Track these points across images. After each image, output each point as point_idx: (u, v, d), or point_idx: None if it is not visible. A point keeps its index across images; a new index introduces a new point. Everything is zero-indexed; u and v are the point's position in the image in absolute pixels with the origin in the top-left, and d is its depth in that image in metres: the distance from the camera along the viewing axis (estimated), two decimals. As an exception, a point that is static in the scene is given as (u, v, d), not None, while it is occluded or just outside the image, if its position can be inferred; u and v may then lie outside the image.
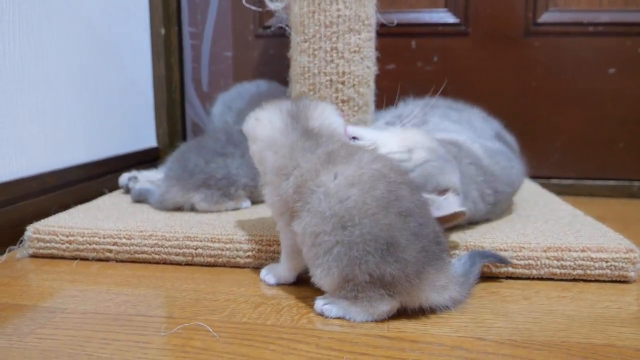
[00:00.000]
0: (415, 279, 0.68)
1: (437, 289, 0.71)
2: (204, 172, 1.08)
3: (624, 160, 1.56)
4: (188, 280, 0.87)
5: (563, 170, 1.59)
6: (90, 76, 1.33)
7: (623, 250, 0.85)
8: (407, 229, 0.69)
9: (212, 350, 0.64)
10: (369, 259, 0.67)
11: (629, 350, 0.64)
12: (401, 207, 0.69)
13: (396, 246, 0.67)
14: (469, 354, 0.63)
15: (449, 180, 0.87)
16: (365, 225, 0.68)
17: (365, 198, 0.69)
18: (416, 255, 0.68)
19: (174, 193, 1.08)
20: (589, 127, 1.56)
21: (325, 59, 1.10)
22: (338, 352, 0.63)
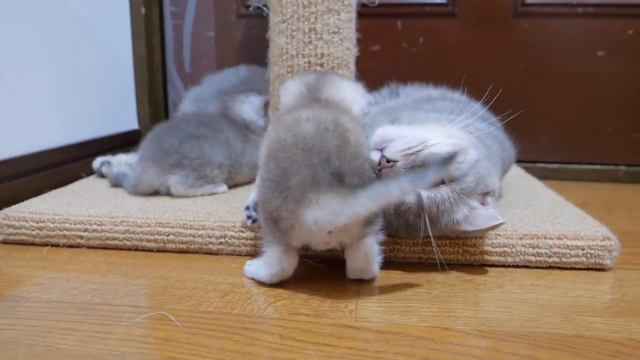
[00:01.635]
0: (294, 206, 0.68)
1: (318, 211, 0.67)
2: (178, 152, 1.06)
3: (611, 144, 1.54)
4: (159, 268, 0.86)
5: (550, 154, 1.57)
6: (68, 56, 1.30)
7: (600, 238, 0.84)
8: (300, 161, 0.70)
9: (174, 341, 0.63)
10: (267, 194, 0.72)
11: (596, 341, 0.63)
12: (305, 144, 0.71)
13: (285, 179, 0.70)
14: (434, 344, 0.62)
15: (493, 183, 0.83)
16: (272, 161, 0.73)
17: (279, 135, 0.74)
18: (299, 183, 0.68)
19: (150, 175, 1.07)
20: (577, 111, 1.54)
21: (303, 40, 1.07)
22: (301, 343, 0.62)
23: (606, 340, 0.63)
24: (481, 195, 0.81)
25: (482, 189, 0.80)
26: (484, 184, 0.80)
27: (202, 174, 1.07)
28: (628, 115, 1.52)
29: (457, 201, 0.78)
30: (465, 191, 0.78)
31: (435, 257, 0.85)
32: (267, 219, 0.74)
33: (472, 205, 0.80)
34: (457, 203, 0.78)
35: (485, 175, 0.81)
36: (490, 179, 0.82)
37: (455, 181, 0.77)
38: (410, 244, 0.86)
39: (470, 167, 0.79)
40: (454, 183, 0.77)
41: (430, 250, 0.85)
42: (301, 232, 0.70)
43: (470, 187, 0.78)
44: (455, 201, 0.78)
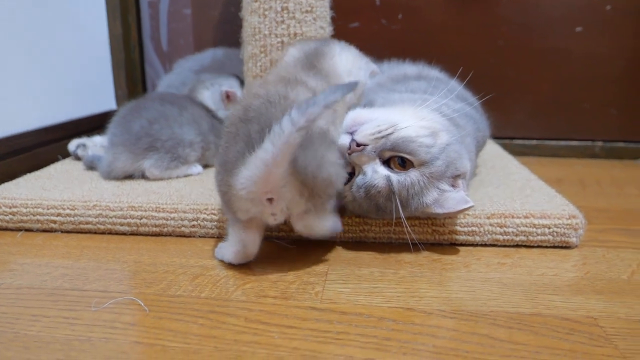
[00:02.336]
0: (229, 177, 0.69)
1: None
2: (149, 134, 1.05)
3: (588, 120, 1.55)
4: (131, 251, 0.87)
5: (528, 130, 1.58)
6: (40, 36, 1.28)
7: (566, 216, 0.85)
8: (240, 133, 0.71)
9: (140, 326, 0.64)
10: (215, 169, 0.75)
11: (554, 320, 0.64)
12: (247, 115, 0.73)
13: (227, 152, 0.72)
14: (395, 325, 0.63)
15: (464, 166, 0.82)
16: (223, 136, 0.75)
17: (231, 111, 0.77)
18: (235, 154, 0.69)
19: (123, 161, 1.06)
20: (555, 87, 1.54)
21: (275, 19, 1.06)
22: (265, 326, 0.63)
23: (564, 318, 0.65)
24: (452, 178, 0.81)
25: (452, 172, 0.80)
26: (455, 168, 0.80)
27: (175, 154, 1.07)
28: (605, 91, 1.52)
29: (426, 185, 0.78)
30: (435, 175, 0.79)
31: (405, 237, 0.86)
32: (220, 197, 0.75)
33: (442, 188, 0.80)
34: (426, 187, 0.79)
35: (455, 159, 0.81)
36: (461, 161, 0.82)
37: (424, 165, 0.78)
38: (380, 224, 0.87)
39: (440, 150, 0.79)
40: (424, 167, 0.78)
41: (400, 230, 0.86)
42: (237, 201, 0.71)
43: (440, 170, 0.79)
44: (425, 185, 0.78)
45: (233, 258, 0.79)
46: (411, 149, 0.77)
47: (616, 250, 0.86)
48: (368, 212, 0.82)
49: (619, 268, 0.80)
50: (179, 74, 1.37)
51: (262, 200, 0.70)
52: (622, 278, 0.76)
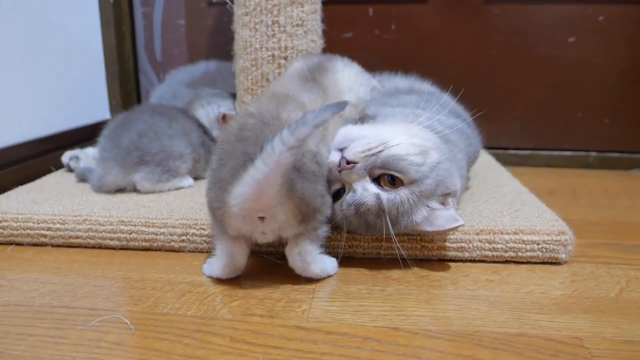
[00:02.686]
0: (223, 193, 0.70)
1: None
2: (139, 148, 1.05)
3: (582, 130, 1.55)
4: (120, 266, 0.87)
5: (521, 140, 1.58)
6: (33, 45, 1.28)
7: (555, 232, 0.85)
8: (235, 151, 0.72)
9: (125, 345, 0.64)
10: (208, 185, 0.76)
11: (539, 340, 0.64)
12: (243, 135, 0.74)
13: (221, 169, 0.72)
14: (380, 345, 0.63)
15: (455, 184, 0.82)
16: (216, 153, 0.76)
17: (226, 128, 0.78)
18: (230, 171, 0.70)
19: (114, 175, 1.06)
20: (548, 97, 1.54)
21: (266, 33, 1.07)
22: (250, 346, 0.63)
23: (548, 339, 0.65)
24: (442, 196, 0.81)
25: (442, 190, 0.80)
26: (445, 186, 0.80)
27: (166, 167, 1.07)
28: (599, 101, 1.53)
29: (416, 203, 0.78)
30: (425, 193, 0.78)
31: (394, 253, 0.86)
32: (210, 212, 0.76)
33: (432, 206, 0.80)
34: (416, 205, 0.79)
35: (446, 177, 0.80)
36: (451, 180, 0.82)
37: (414, 183, 0.78)
38: (369, 240, 0.87)
39: (430, 169, 0.79)
40: (413, 185, 0.78)
41: (388, 246, 0.86)
42: (229, 218, 0.72)
43: (430, 189, 0.78)
44: (414, 203, 0.78)
45: (221, 272, 0.79)
46: (401, 167, 0.77)
47: (606, 267, 0.86)
48: (358, 228, 0.82)
49: (607, 285, 0.79)
50: (170, 85, 1.37)
51: (254, 218, 0.71)
52: (610, 296, 0.76)
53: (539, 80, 1.53)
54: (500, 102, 1.56)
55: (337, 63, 0.94)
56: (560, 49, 1.50)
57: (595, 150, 1.55)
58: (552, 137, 1.57)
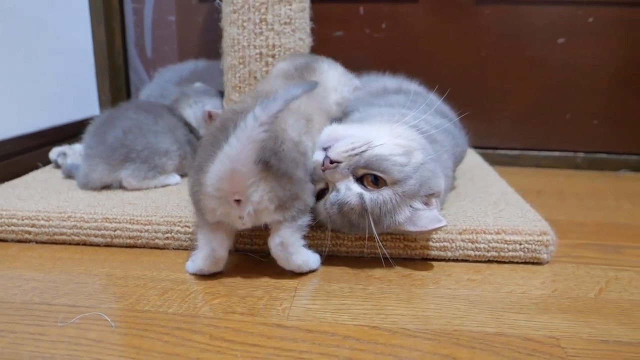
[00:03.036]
0: (201, 176, 0.72)
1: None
2: (124, 145, 1.04)
3: (570, 131, 1.56)
4: (104, 263, 0.87)
5: (510, 140, 1.59)
6: (21, 41, 1.28)
7: (537, 232, 0.86)
8: (216, 139, 0.73)
9: (105, 342, 0.64)
10: (190, 175, 0.78)
11: (517, 340, 0.65)
12: (223, 125, 0.75)
13: (202, 157, 0.74)
14: (359, 344, 0.63)
15: (439, 185, 0.83)
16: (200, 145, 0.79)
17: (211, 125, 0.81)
18: (210, 156, 0.71)
19: (99, 172, 1.05)
20: (537, 97, 1.55)
21: (254, 31, 1.07)
22: (230, 343, 0.64)
23: (526, 338, 0.65)
24: (425, 197, 0.81)
25: (426, 191, 0.80)
26: (428, 187, 0.80)
27: (152, 164, 1.07)
28: (587, 102, 1.53)
29: (399, 203, 0.78)
30: (408, 194, 0.79)
31: (377, 252, 0.86)
32: (191, 198, 0.77)
33: (415, 206, 0.80)
34: (399, 205, 0.79)
35: (429, 178, 0.81)
36: (435, 181, 0.82)
37: (397, 183, 0.78)
38: (353, 238, 0.88)
39: (413, 169, 0.79)
40: (397, 185, 0.78)
41: (372, 245, 0.86)
42: (205, 200, 0.73)
43: (413, 189, 0.79)
44: (397, 203, 0.78)
45: (202, 264, 0.80)
46: (384, 168, 0.78)
47: (587, 267, 0.87)
48: (342, 227, 0.83)
49: (587, 285, 0.80)
50: (158, 84, 1.37)
51: (230, 200, 0.72)
52: (589, 296, 0.77)
53: (529, 81, 1.54)
54: (490, 103, 1.56)
55: (323, 64, 0.96)
56: (550, 50, 1.51)
57: (584, 151, 1.56)
58: (541, 137, 1.57)
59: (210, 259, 0.79)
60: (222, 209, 0.73)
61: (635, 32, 1.47)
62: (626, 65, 1.50)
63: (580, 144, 1.56)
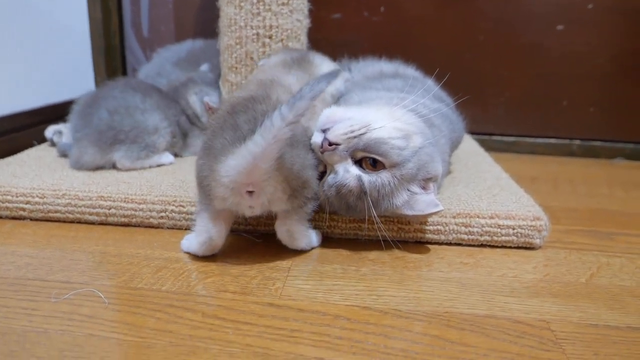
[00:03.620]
0: (213, 162, 0.71)
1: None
2: (111, 127, 1.04)
3: (566, 118, 1.56)
4: (98, 241, 0.87)
5: (506, 126, 1.59)
6: (17, 18, 1.26)
7: (530, 217, 0.87)
8: (227, 123, 0.74)
9: (98, 318, 0.64)
10: (198, 157, 0.77)
11: (507, 322, 0.65)
12: (234, 109, 0.76)
13: (212, 139, 0.73)
14: (349, 323, 0.64)
15: (436, 169, 0.83)
16: (209, 128, 0.78)
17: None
18: (222, 141, 0.72)
19: (91, 155, 1.04)
20: (534, 84, 1.55)
21: (251, 11, 1.06)
22: (222, 321, 0.64)
23: (516, 321, 0.66)
24: (423, 180, 0.81)
25: (423, 175, 0.80)
26: (426, 171, 0.80)
27: (143, 143, 1.06)
28: (584, 90, 1.53)
29: (397, 186, 0.78)
30: (406, 177, 0.79)
31: (370, 234, 0.87)
32: (197, 182, 0.76)
33: (413, 190, 0.80)
34: (397, 188, 0.79)
35: (427, 162, 0.81)
36: (432, 165, 0.82)
37: (396, 167, 0.78)
38: (347, 221, 0.88)
39: (412, 153, 0.79)
40: (395, 169, 0.78)
41: (366, 227, 0.87)
42: (217, 188, 0.72)
43: (411, 173, 0.79)
44: (395, 186, 0.78)
45: (198, 249, 0.80)
46: (383, 151, 0.77)
47: (579, 253, 0.88)
48: (339, 209, 0.83)
49: (578, 271, 0.81)
50: (156, 64, 1.36)
51: (242, 192, 0.72)
52: (580, 281, 0.77)
53: (526, 67, 1.54)
54: (486, 88, 1.56)
55: (316, 57, 0.98)
56: (548, 37, 1.50)
57: (579, 139, 1.57)
58: (537, 124, 1.57)
59: (206, 245, 0.79)
60: (234, 198, 0.73)
61: (633, 19, 1.47)
62: (623, 53, 1.49)
63: (576, 131, 1.56)
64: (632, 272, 0.81)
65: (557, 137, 1.58)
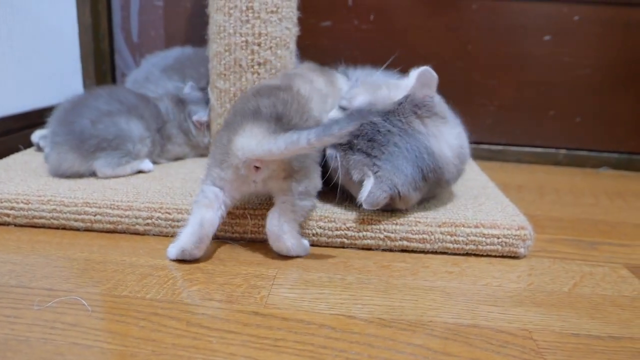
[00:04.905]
0: (232, 134, 0.79)
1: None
2: (94, 135, 1.03)
3: (553, 127, 1.57)
4: (84, 248, 0.86)
5: (494, 135, 1.60)
6: (3, 22, 1.25)
7: (515, 227, 0.87)
8: (249, 101, 0.85)
9: (81, 327, 0.64)
10: (218, 133, 0.86)
11: (490, 331, 0.66)
12: (257, 91, 0.89)
13: (233, 116, 0.85)
14: (333, 333, 0.64)
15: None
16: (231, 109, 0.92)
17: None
18: (242, 115, 0.81)
19: (70, 162, 1.03)
20: (521, 93, 1.56)
21: (240, 18, 1.06)
22: (206, 330, 0.64)
23: (499, 330, 0.66)
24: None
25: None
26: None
27: (125, 150, 1.06)
28: (570, 100, 1.55)
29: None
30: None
31: (357, 243, 0.88)
32: (214, 149, 0.84)
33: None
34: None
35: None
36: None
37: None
38: (334, 228, 0.88)
39: None
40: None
41: (352, 235, 0.87)
42: (231, 157, 0.79)
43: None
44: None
45: (187, 239, 0.80)
46: None
47: (563, 262, 0.88)
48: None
49: (562, 280, 0.82)
50: (144, 70, 1.36)
51: (251, 166, 0.79)
52: (564, 290, 0.78)
53: (514, 76, 1.55)
54: (474, 97, 1.57)
55: (334, 71, 1.10)
56: (536, 47, 1.52)
57: (565, 148, 1.58)
58: (523, 133, 1.59)
59: (197, 234, 0.79)
60: (244, 170, 0.79)
61: (619, 31, 1.49)
62: (609, 65, 1.52)
63: (562, 140, 1.58)
64: (614, 282, 0.82)
65: (543, 147, 1.59)
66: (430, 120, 0.85)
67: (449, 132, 0.87)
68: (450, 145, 0.88)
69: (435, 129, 0.85)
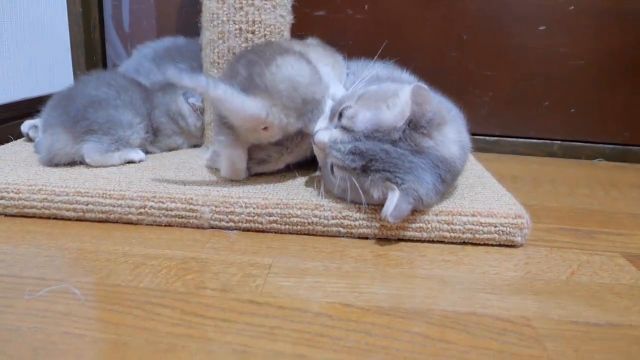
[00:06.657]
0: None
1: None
2: (85, 117, 1.02)
3: (547, 118, 1.57)
4: (75, 238, 0.85)
5: (489, 126, 1.59)
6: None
7: (512, 215, 0.87)
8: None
9: (73, 316, 0.62)
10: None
11: (487, 319, 0.65)
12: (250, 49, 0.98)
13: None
14: (330, 321, 0.63)
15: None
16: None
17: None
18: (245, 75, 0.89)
19: (62, 142, 1.02)
20: (516, 84, 1.55)
21: (234, 5, 1.04)
22: (201, 318, 0.63)
23: (497, 318, 0.66)
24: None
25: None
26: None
27: (115, 136, 1.04)
28: (565, 90, 1.54)
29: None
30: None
31: (353, 231, 0.87)
32: (218, 121, 0.93)
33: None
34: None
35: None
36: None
37: None
38: (329, 217, 0.87)
39: None
40: None
41: (348, 224, 0.87)
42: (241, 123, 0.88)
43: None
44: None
45: (226, 172, 0.96)
46: None
47: (560, 251, 0.88)
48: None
49: (559, 268, 0.81)
50: (134, 60, 1.34)
51: (259, 129, 0.88)
52: (561, 279, 0.78)
53: (509, 67, 1.54)
54: (469, 88, 1.56)
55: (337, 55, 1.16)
56: (531, 37, 1.51)
57: (560, 139, 1.58)
58: (518, 124, 1.58)
59: (232, 169, 0.95)
60: (255, 134, 0.89)
61: (615, 21, 1.48)
62: (604, 55, 1.51)
63: (557, 131, 1.57)
64: (612, 270, 0.81)
65: (538, 138, 1.59)
66: (435, 131, 0.83)
67: (450, 130, 0.86)
68: (454, 140, 0.86)
69: (440, 137, 0.83)
